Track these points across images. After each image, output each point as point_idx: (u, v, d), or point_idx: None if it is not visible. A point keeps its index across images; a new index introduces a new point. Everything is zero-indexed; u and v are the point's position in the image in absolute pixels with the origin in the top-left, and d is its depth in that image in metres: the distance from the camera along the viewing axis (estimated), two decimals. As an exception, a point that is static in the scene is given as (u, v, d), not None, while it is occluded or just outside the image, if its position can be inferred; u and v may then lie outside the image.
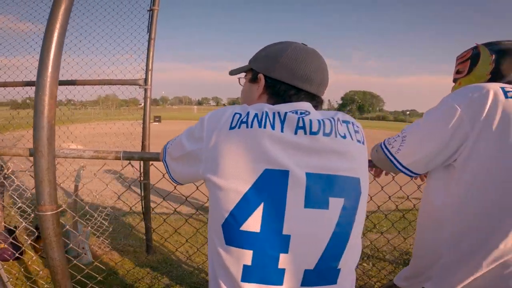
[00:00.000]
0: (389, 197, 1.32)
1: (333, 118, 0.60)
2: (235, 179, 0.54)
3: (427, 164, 0.81)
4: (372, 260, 2.41)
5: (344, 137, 0.58)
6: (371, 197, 1.28)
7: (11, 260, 2.09)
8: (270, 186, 0.53)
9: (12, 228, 2.20)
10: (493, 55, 0.89)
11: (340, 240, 0.56)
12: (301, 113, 0.59)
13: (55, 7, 0.81)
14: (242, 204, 0.53)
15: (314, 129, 0.56)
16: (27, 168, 1.12)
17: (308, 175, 0.54)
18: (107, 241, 2.37)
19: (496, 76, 0.88)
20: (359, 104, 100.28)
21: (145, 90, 2.29)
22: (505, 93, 0.72)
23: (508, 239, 0.69)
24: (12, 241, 2.09)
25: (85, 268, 1.34)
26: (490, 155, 0.71)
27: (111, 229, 2.35)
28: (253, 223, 0.53)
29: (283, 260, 0.53)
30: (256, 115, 0.57)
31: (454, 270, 0.76)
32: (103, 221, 2.43)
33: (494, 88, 0.73)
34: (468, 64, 0.94)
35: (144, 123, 2.36)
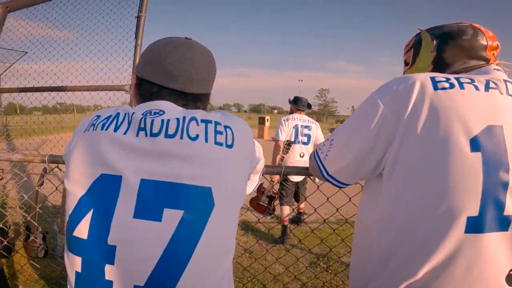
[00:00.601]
0: (337, 209, 1.20)
1: (184, 118, 0.53)
2: (75, 183, 0.52)
3: (355, 173, 0.69)
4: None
5: (194, 138, 0.51)
6: (315, 209, 1.18)
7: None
8: (103, 192, 0.49)
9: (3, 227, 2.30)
10: (434, 41, 0.75)
11: (177, 257, 0.48)
12: (154, 113, 0.53)
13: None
14: (76, 209, 0.50)
15: (155, 130, 0.50)
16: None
17: (143, 181, 0.49)
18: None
19: (439, 65, 0.74)
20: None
21: (131, 95, 2.34)
22: (435, 83, 0.59)
23: (427, 267, 0.56)
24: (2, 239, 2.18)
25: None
26: (415, 160, 0.58)
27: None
28: (82, 229, 0.49)
29: (110, 272, 0.48)
30: (108, 117, 0.54)
31: None
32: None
33: (422, 78, 0.61)
34: (412, 53, 0.81)
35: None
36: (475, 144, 0.54)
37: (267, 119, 15.51)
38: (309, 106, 3.26)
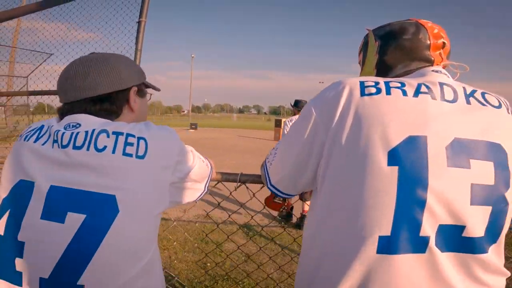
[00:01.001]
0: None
1: (94, 130, 0.58)
2: (1, 187, 0.60)
3: (295, 184, 0.66)
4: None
5: (101, 150, 0.56)
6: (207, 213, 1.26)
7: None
8: (19, 195, 0.57)
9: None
10: (377, 42, 0.69)
11: (79, 255, 0.54)
12: (72, 126, 0.60)
13: None
14: None
15: (65, 142, 0.57)
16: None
17: (52, 187, 0.55)
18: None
19: (382, 69, 0.68)
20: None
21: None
22: (363, 89, 0.56)
23: (346, 286, 0.52)
24: None
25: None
26: (338, 173, 0.55)
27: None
28: (1, 226, 0.57)
29: (19, 264, 0.55)
30: (34, 129, 0.63)
31: None
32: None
33: (352, 83, 0.57)
34: (361, 56, 0.76)
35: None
36: (392, 157, 0.50)
37: (284, 122, 15.31)
38: None
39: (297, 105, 3.56)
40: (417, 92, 0.54)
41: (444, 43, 0.64)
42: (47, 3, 1.38)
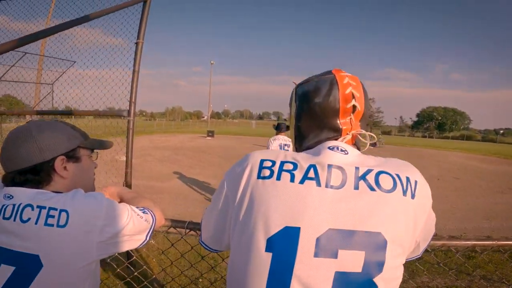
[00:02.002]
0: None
1: (20, 204, 0.68)
2: None
3: (220, 243, 0.69)
4: None
5: (26, 221, 0.66)
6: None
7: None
8: None
9: None
10: (296, 103, 0.69)
11: None
12: (7, 197, 0.70)
13: None
14: None
15: None
16: None
17: None
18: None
19: (298, 136, 0.69)
20: (438, 122, 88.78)
21: (128, 121, 2.31)
22: (260, 170, 0.59)
23: None
24: None
25: None
26: (234, 248, 0.60)
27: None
28: None
29: None
30: None
31: None
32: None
33: (254, 162, 0.61)
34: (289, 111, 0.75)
35: (127, 152, 2.38)
36: (270, 244, 0.54)
37: None
38: (287, 128, 4.18)
39: (278, 128, 4.31)
40: (304, 178, 0.56)
41: (354, 106, 0.62)
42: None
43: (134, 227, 0.77)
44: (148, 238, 0.83)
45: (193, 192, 5.96)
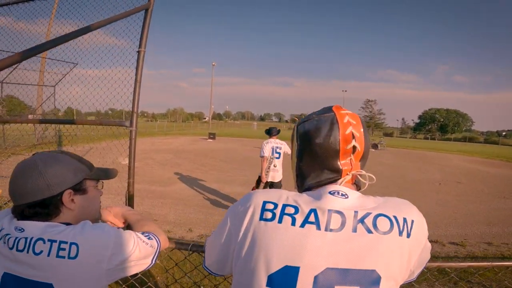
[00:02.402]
0: None
1: (32, 238, 0.72)
2: None
3: (223, 269, 0.73)
4: None
5: (38, 254, 0.71)
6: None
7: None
8: None
9: None
10: (297, 143, 0.70)
11: None
12: (19, 230, 0.74)
13: None
14: None
15: (10, 245, 0.72)
16: None
17: (5, 274, 0.72)
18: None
19: (299, 175, 0.71)
20: (441, 124, 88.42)
21: (130, 131, 2.33)
22: (262, 212, 0.62)
23: None
24: None
25: None
26: (236, 282, 0.64)
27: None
28: None
29: None
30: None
31: None
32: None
33: (257, 203, 0.63)
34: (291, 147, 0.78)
35: (129, 163, 2.39)
36: (270, 281, 0.58)
37: None
38: (278, 132, 5.02)
39: (269, 133, 4.91)
40: (304, 222, 0.59)
41: (354, 147, 0.63)
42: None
43: (140, 254, 0.81)
44: (153, 262, 0.87)
45: (194, 197, 5.98)
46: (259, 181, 5.01)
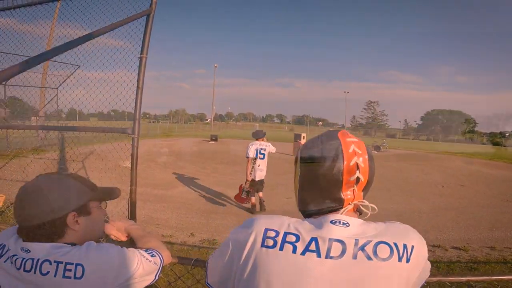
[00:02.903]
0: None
1: (38, 259, 0.74)
2: None
3: (226, 287, 0.73)
4: None
5: (45, 274, 0.73)
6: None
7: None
8: None
9: None
10: (300, 170, 0.71)
11: None
12: (25, 251, 0.77)
13: None
14: None
15: (17, 266, 0.75)
16: None
17: None
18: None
19: (301, 202, 0.72)
20: (443, 125, 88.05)
21: (133, 139, 2.34)
22: (264, 239, 0.63)
23: None
24: None
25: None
26: None
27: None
28: None
29: None
30: (0, 247, 0.81)
31: None
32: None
33: (258, 230, 0.64)
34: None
35: (131, 170, 2.40)
36: None
37: (303, 136, 14.58)
38: (264, 134, 5.47)
39: (256, 136, 5.34)
40: (305, 250, 0.60)
41: (358, 178, 0.64)
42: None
43: (143, 271, 0.84)
44: (157, 278, 0.90)
45: (196, 201, 6.00)
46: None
